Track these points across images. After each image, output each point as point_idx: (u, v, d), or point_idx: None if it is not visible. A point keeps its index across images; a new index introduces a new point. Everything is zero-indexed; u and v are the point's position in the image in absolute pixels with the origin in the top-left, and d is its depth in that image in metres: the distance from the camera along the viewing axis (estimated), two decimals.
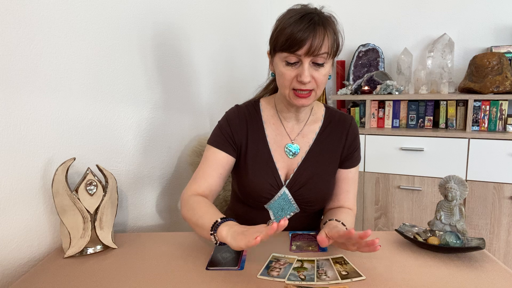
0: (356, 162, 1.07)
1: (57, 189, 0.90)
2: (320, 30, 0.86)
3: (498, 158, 1.72)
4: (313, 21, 0.86)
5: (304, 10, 0.89)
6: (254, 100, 1.08)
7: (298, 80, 0.89)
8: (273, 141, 1.03)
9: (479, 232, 1.81)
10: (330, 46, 0.88)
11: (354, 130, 1.06)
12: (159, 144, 1.35)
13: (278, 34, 0.89)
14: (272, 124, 1.04)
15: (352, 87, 2.15)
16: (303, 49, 0.85)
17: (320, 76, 0.89)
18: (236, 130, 1.02)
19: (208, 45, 1.63)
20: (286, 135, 1.04)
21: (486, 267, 0.81)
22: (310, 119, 1.05)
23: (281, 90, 0.96)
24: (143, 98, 1.26)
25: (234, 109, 1.06)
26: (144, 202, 1.30)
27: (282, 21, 0.90)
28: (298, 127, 1.04)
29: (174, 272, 0.83)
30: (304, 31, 0.84)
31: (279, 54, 0.90)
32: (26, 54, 0.89)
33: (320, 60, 0.88)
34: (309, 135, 1.04)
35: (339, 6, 2.31)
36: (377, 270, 0.81)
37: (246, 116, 1.04)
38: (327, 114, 1.07)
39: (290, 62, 0.88)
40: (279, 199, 1.02)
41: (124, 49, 1.17)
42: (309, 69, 0.88)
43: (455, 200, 0.93)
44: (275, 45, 0.91)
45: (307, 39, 0.84)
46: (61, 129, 0.99)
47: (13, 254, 0.90)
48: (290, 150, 1.02)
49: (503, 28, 1.98)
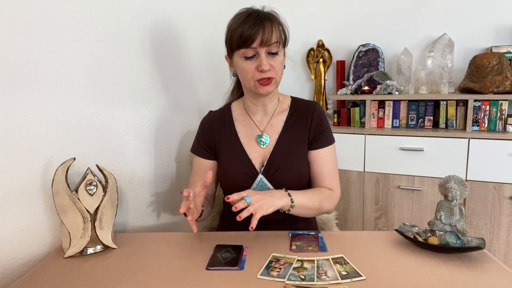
0: (326, 143, 1.12)
1: (57, 189, 0.90)
2: (267, 23, 0.97)
3: (498, 158, 1.72)
4: (259, 16, 0.98)
5: (248, 11, 1.01)
6: (227, 104, 1.21)
7: (258, 70, 0.99)
8: (244, 136, 1.13)
9: (479, 232, 1.81)
10: (279, 36, 1.00)
11: (318, 114, 1.13)
12: (159, 144, 1.35)
13: (232, 35, 1.00)
14: (242, 121, 1.15)
15: (352, 87, 2.14)
16: (257, 41, 0.96)
17: (277, 63, 1.01)
18: (208, 134, 1.15)
19: (208, 44, 1.63)
20: (256, 127, 1.13)
21: (486, 267, 0.81)
22: (277, 109, 1.15)
23: (246, 85, 1.06)
24: (143, 98, 1.27)
25: (206, 116, 1.20)
26: (144, 202, 1.30)
27: (232, 24, 1.01)
28: (266, 119, 1.14)
29: (174, 272, 0.83)
30: (253, 26, 0.96)
31: (237, 52, 1.00)
32: (26, 54, 0.89)
33: (274, 49, 0.99)
34: (277, 124, 1.13)
35: (339, 6, 2.31)
36: (377, 270, 0.81)
37: (217, 118, 1.16)
38: (293, 103, 1.17)
39: (248, 57, 0.99)
40: (257, 186, 1.08)
41: (124, 49, 1.17)
42: (266, 58, 0.99)
43: (455, 200, 0.93)
44: (231, 45, 1.01)
45: (258, 32, 0.96)
46: (61, 129, 0.99)
47: (13, 254, 0.90)
48: (261, 140, 1.11)
49: (503, 28, 1.98)
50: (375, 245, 0.93)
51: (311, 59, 2.41)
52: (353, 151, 2.02)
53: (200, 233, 1.05)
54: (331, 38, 2.37)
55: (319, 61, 2.37)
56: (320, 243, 0.95)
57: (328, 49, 2.37)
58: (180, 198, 1.47)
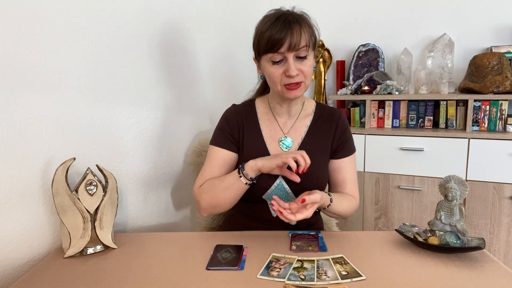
0: (349, 152, 1.12)
1: (57, 189, 0.90)
2: (296, 27, 0.94)
3: (498, 158, 1.72)
4: (287, 20, 0.94)
5: (277, 13, 0.98)
6: (250, 100, 1.18)
7: (286, 75, 0.96)
8: (268, 136, 1.10)
9: (479, 232, 1.81)
10: (308, 39, 0.96)
11: (343, 123, 1.12)
12: (159, 144, 1.35)
13: (259, 39, 0.97)
14: (267, 120, 1.12)
15: (352, 87, 2.14)
16: (285, 46, 0.93)
17: (306, 67, 0.97)
18: (233, 127, 1.10)
19: (208, 44, 1.63)
20: (280, 129, 1.11)
21: (486, 267, 0.81)
22: (301, 113, 1.13)
23: (273, 89, 1.03)
24: (143, 98, 1.26)
25: (231, 108, 1.15)
26: (144, 202, 1.30)
27: (260, 27, 0.98)
28: (290, 122, 1.12)
29: (174, 272, 0.83)
30: (281, 30, 0.93)
31: (264, 56, 0.98)
32: (26, 54, 0.89)
33: (303, 53, 0.95)
34: (301, 129, 1.11)
35: (339, 6, 2.31)
36: (377, 270, 0.81)
37: (242, 113, 1.12)
38: (318, 109, 1.14)
39: (275, 61, 0.96)
40: (275, 189, 1.06)
41: (124, 49, 1.17)
42: (294, 63, 0.95)
43: (455, 200, 0.93)
44: (258, 50, 0.99)
45: (286, 37, 0.92)
46: (61, 129, 0.99)
47: (13, 254, 0.90)
48: (284, 143, 1.09)
49: (503, 28, 1.98)
50: (375, 245, 0.93)
51: None
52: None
53: (200, 233, 1.05)
54: (331, 38, 2.37)
55: (319, 61, 2.37)
56: (320, 243, 0.95)
57: (328, 49, 2.37)
58: (180, 198, 1.47)
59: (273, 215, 1.08)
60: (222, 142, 1.09)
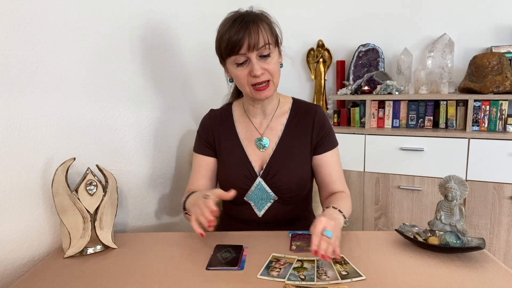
0: (330, 146, 1.11)
1: (57, 189, 0.90)
2: (253, 26, 0.94)
3: (498, 158, 1.72)
4: (244, 21, 0.94)
5: (235, 15, 0.98)
6: (228, 104, 1.20)
7: (251, 75, 0.96)
8: (244, 137, 1.12)
9: (479, 232, 1.81)
10: (268, 37, 0.96)
11: (320, 118, 1.10)
12: (159, 144, 1.35)
13: (220, 42, 0.98)
14: (242, 123, 1.14)
15: (352, 87, 2.14)
16: (244, 47, 0.93)
17: (270, 65, 0.97)
18: (207, 133, 1.14)
19: (207, 44, 1.63)
20: (255, 130, 1.12)
21: (486, 267, 0.81)
22: (277, 112, 1.13)
23: (242, 91, 1.04)
24: (143, 98, 1.26)
25: (207, 114, 1.19)
26: (144, 202, 1.30)
27: (219, 30, 0.99)
28: (266, 121, 1.12)
29: (174, 272, 0.83)
30: (239, 32, 0.93)
31: (228, 59, 0.98)
32: (26, 54, 0.89)
33: (265, 51, 0.96)
34: (277, 127, 1.11)
35: (339, 6, 2.31)
36: (377, 270, 0.81)
37: (218, 118, 1.15)
38: (294, 106, 1.14)
39: (239, 63, 0.97)
40: (256, 189, 1.08)
41: (124, 49, 1.17)
42: (257, 62, 0.95)
43: (455, 200, 0.93)
44: (221, 53, 1.00)
45: (244, 37, 0.93)
46: (61, 129, 0.99)
47: (13, 254, 0.90)
48: (261, 143, 1.10)
49: (503, 28, 1.98)
50: (375, 245, 0.93)
51: (311, 59, 2.41)
52: (353, 151, 2.02)
53: None
54: (331, 38, 2.37)
55: (319, 61, 2.37)
56: None
57: (328, 49, 2.36)
58: (180, 198, 1.47)
59: (259, 215, 1.09)
60: (200, 148, 1.14)
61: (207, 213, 0.84)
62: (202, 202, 0.86)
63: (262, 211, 1.10)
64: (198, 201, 0.89)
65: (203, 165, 1.14)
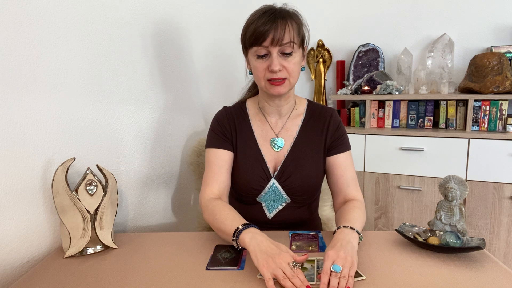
0: (344, 148, 1.10)
1: (57, 189, 0.90)
2: (281, 22, 0.93)
3: (498, 158, 1.72)
4: (273, 14, 0.94)
5: (267, 7, 0.97)
6: (241, 101, 1.16)
7: (269, 70, 0.96)
8: (259, 136, 1.09)
9: (479, 232, 1.81)
10: (294, 36, 0.95)
11: (335, 121, 1.10)
12: (159, 144, 1.35)
13: (245, 31, 0.98)
14: (258, 121, 1.11)
15: (352, 87, 2.14)
16: (268, 40, 0.93)
17: (290, 64, 0.96)
18: (226, 128, 1.09)
19: (207, 44, 1.63)
20: (271, 129, 1.10)
21: (486, 267, 0.81)
22: (292, 113, 1.11)
23: (258, 84, 1.03)
24: (143, 98, 1.26)
25: (222, 110, 1.14)
26: (144, 202, 1.30)
27: (248, 19, 0.98)
28: (281, 122, 1.10)
29: (174, 272, 0.83)
30: (266, 24, 0.92)
31: (250, 50, 0.98)
32: (26, 54, 0.89)
33: (287, 49, 0.95)
34: (293, 128, 1.10)
35: (339, 6, 2.31)
36: (377, 270, 0.81)
37: (233, 115, 1.11)
38: (309, 108, 1.13)
39: (260, 55, 0.96)
40: (269, 190, 1.06)
41: (124, 49, 1.17)
42: (277, 58, 0.95)
43: (455, 200, 0.93)
44: (245, 42, 0.99)
45: (270, 30, 0.92)
46: (61, 129, 0.99)
47: (13, 254, 0.90)
48: (275, 144, 1.08)
49: (503, 28, 1.98)
50: (375, 245, 0.93)
51: (311, 59, 2.41)
52: (353, 151, 2.00)
53: (200, 233, 1.05)
54: (331, 38, 2.37)
55: (319, 61, 2.37)
56: (320, 243, 0.95)
57: (328, 49, 2.37)
58: (180, 198, 1.47)
59: (268, 216, 1.08)
60: (217, 143, 1.07)
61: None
62: (290, 268, 0.75)
63: (273, 213, 1.09)
64: (279, 261, 0.76)
65: (224, 159, 1.06)
